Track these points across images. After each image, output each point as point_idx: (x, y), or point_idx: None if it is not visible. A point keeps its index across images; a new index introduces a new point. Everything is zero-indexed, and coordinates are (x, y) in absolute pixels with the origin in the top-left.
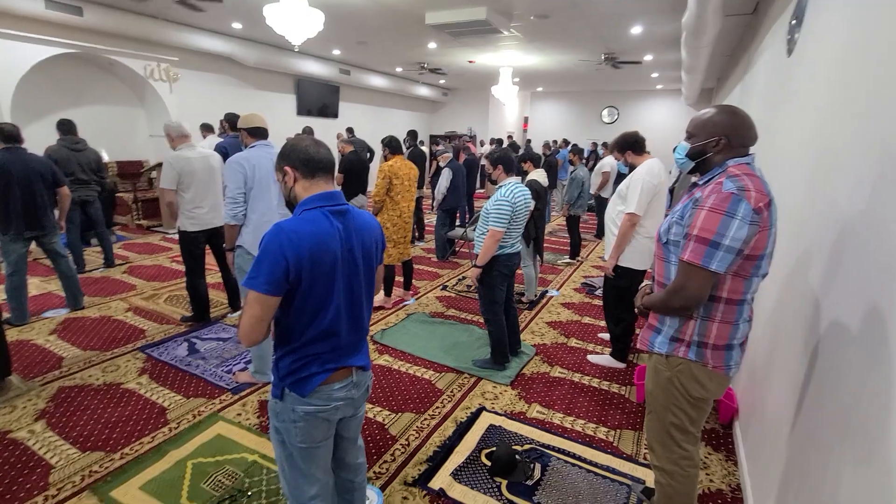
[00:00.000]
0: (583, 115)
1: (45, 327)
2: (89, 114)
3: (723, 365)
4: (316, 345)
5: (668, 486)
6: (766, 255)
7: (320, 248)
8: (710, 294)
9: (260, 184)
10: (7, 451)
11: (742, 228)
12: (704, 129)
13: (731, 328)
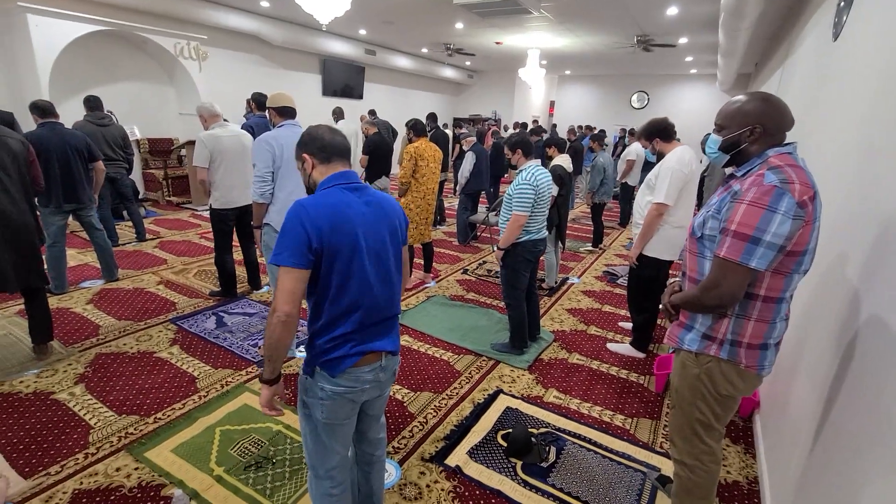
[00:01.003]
0: (611, 100)
1: (83, 297)
2: (122, 91)
3: (756, 365)
4: (346, 322)
5: (687, 479)
6: (808, 251)
7: (340, 218)
8: (746, 291)
9: (288, 163)
10: (50, 410)
11: (785, 223)
12: (735, 118)
13: (768, 327)
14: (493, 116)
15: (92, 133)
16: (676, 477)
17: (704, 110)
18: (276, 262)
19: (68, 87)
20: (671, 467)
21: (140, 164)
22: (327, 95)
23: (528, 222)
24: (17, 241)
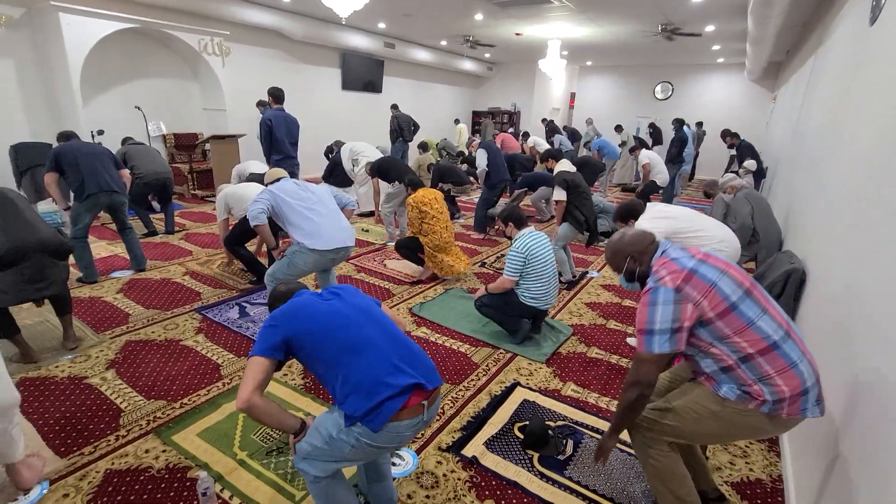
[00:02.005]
0: (634, 91)
1: (113, 286)
2: (148, 87)
3: (798, 410)
4: (361, 368)
5: (653, 467)
6: (735, 304)
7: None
8: (738, 357)
9: (289, 212)
10: (84, 394)
11: (667, 310)
12: (617, 258)
13: (795, 372)
14: (513, 109)
15: (140, 153)
16: (643, 465)
17: (731, 101)
18: (250, 354)
19: (98, 83)
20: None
21: (166, 159)
22: (347, 90)
23: (532, 289)
24: (58, 258)
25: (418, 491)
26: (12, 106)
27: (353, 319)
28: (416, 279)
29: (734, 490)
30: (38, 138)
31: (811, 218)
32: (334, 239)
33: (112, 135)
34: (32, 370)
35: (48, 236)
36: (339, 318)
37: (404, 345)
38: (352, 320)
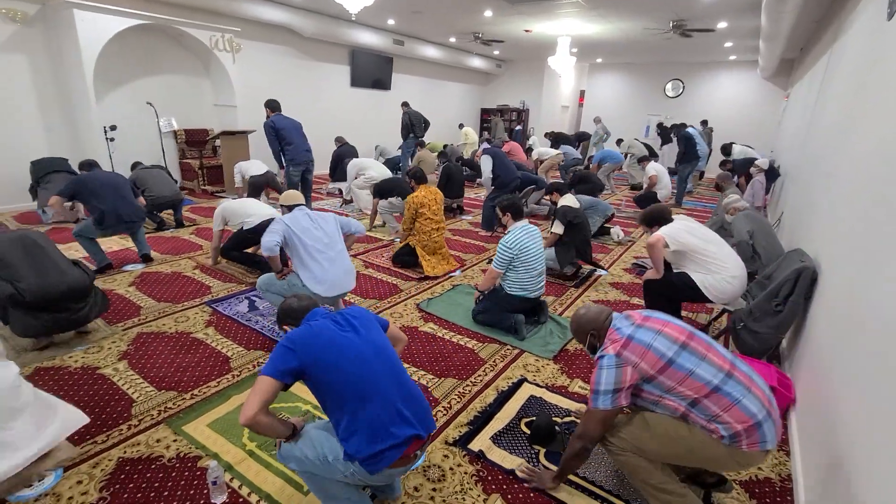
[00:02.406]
0: (644, 89)
1: (125, 279)
2: (160, 83)
3: (757, 443)
4: (365, 414)
5: (622, 465)
6: (672, 359)
7: (324, 337)
8: (686, 403)
9: (298, 245)
10: (97, 384)
11: (610, 374)
12: (580, 334)
13: (739, 407)
14: (522, 106)
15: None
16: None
17: (743, 99)
18: (261, 372)
19: (111, 80)
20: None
21: (177, 154)
22: (356, 87)
23: (523, 280)
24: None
25: (425, 484)
26: (27, 102)
27: (366, 358)
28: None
29: (743, 489)
30: (51, 132)
31: (824, 216)
32: (336, 286)
33: (124, 131)
34: (47, 360)
35: (75, 279)
36: (354, 356)
37: (407, 388)
38: (365, 359)
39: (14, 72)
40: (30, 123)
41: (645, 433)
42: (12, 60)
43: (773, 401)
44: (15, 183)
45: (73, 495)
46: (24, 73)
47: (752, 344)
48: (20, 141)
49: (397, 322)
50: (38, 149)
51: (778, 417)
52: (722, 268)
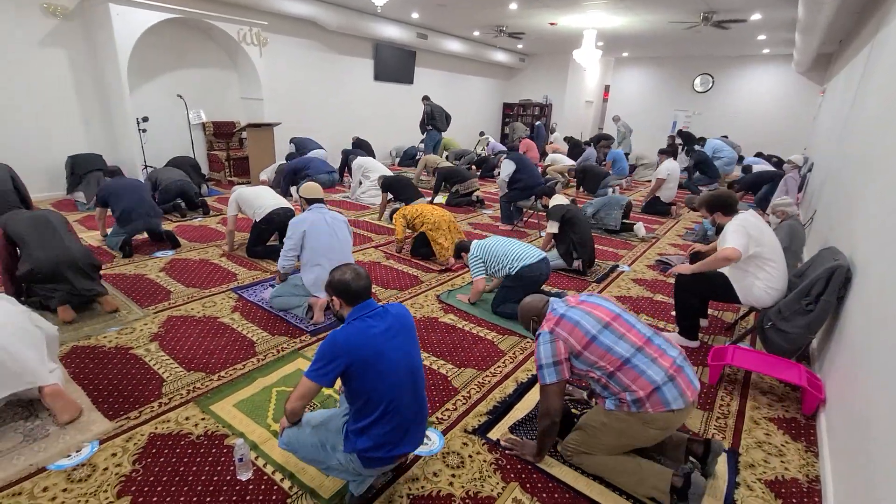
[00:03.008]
0: (672, 84)
1: (156, 265)
2: (189, 76)
3: (660, 404)
4: (382, 428)
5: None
6: (595, 336)
7: (364, 338)
8: (606, 375)
9: (313, 244)
10: (129, 363)
11: (546, 348)
12: (524, 320)
13: (644, 377)
14: (545, 101)
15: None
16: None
17: (776, 94)
18: (307, 374)
19: (143, 73)
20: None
21: (205, 146)
22: (379, 80)
23: (518, 253)
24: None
25: (444, 470)
26: (66, 94)
27: (402, 376)
28: (445, 267)
29: (767, 487)
30: (87, 124)
31: (860, 214)
32: None
33: (156, 122)
34: (83, 339)
35: (79, 254)
36: (394, 370)
37: (422, 408)
38: (401, 377)
39: (54, 65)
40: (68, 115)
41: (584, 434)
42: (52, 54)
43: (685, 367)
44: (54, 172)
45: (107, 466)
46: (64, 66)
47: (781, 343)
48: (59, 132)
49: (417, 313)
50: (76, 140)
51: (687, 379)
52: (771, 276)
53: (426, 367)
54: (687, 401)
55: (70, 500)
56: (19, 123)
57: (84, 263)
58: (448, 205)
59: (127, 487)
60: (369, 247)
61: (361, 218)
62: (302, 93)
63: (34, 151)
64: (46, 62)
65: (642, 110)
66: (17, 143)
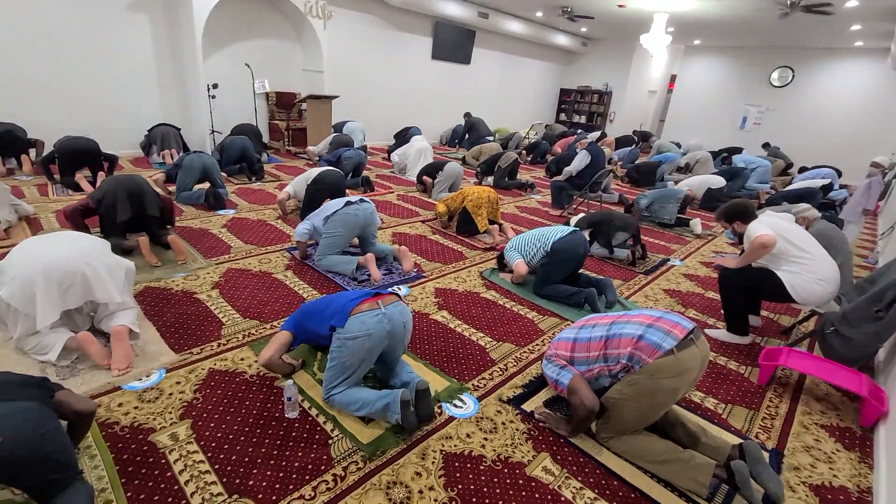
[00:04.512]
0: (746, 76)
1: (219, 222)
2: (256, 47)
3: (652, 350)
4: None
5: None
6: (575, 338)
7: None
8: (599, 362)
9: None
10: (193, 306)
11: (549, 369)
12: None
13: (623, 337)
14: (605, 89)
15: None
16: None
17: (867, 92)
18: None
19: (215, 43)
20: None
21: (267, 115)
22: (436, 59)
23: (550, 232)
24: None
25: (477, 433)
26: (146, 59)
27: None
28: (490, 245)
29: (812, 491)
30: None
31: None
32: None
33: (223, 90)
34: (154, 281)
35: (154, 212)
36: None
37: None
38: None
39: (137, 32)
40: (147, 79)
41: (613, 413)
42: (136, 21)
43: (666, 315)
44: (133, 131)
45: (172, 392)
46: (146, 33)
47: (841, 351)
48: (139, 95)
49: (460, 287)
50: (152, 104)
51: (671, 321)
52: (812, 268)
53: (465, 337)
54: (677, 337)
55: (140, 416)
56: (105, 85)
57: (159, 217)
58: (496, 187)
59: (188, 412)
60: (416, 220)
61: (410, 193)
62: (360, 67)
63: (115, 112)
64: (131, 29)
65: (710, 103)
66: (101, 103)
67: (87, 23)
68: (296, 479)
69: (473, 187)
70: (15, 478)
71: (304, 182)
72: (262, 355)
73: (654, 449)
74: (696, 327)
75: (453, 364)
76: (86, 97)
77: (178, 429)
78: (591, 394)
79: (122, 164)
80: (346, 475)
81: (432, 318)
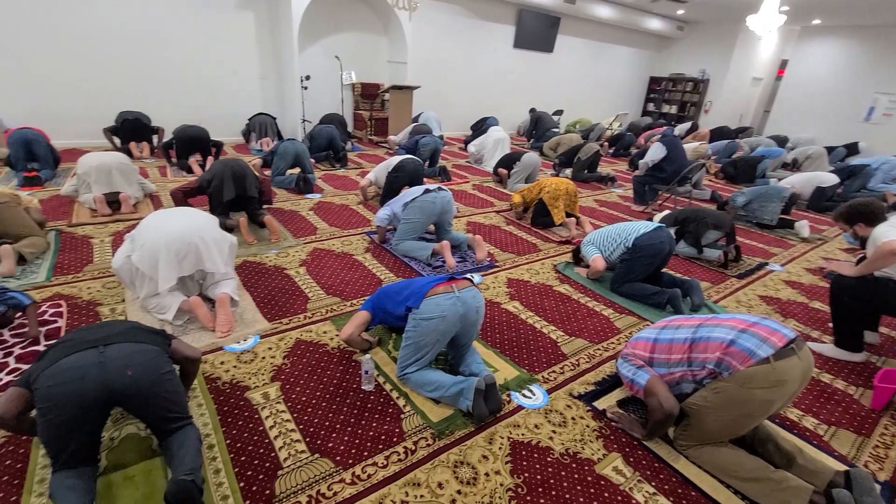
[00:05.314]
0: (877, 59)
1: (307, 205)
2: (345, 39)
3: (745, 357)
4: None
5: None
6: (656, 338)
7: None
8: (683, 366)
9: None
10: (284, 280)
11: (624, 367)
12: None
13: (711, 341)
14: (701, 76)
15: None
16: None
17: None
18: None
19: (309, 35)
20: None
21: (352, 105)
22: (518, 48)
23: (632, 228)
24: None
25: (545, 424)
26: (250, 52)
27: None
28: (565, 238)
29: None
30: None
31: None
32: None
33: (314, 81)
34: (251, 256)
35: (254, 193)
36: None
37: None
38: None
39: (243, 27)
40: (250, 72)
41: (690, 419)
42: (243, 19)
43: (761, 321)
44: (236, 120)
45: (265, 356)
46: (251, 30)
47: None
48: (243, 87)
49: (533, 279)
50: (253, 95)
51: (768, 328)
52: None
53: (536, 329)
54: (775, 345)
55: (239, 374)
56: (215, 78)
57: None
58: (574, 180)
59: (278, 375)
60: (491, 210)
61: (486, 183)
62: (441, 58)
63: (222, 102)
64: (238, 24)
65: (829, 90)
66: (211, 94)
67: (201, 23)
68: (370, 447)
69: (551, 178)
70: (139, 409)
71: (385, 170)
72: (343, 331)
73: (741, 464)
74: (799, 337)
75: (523, 354)
76: (198, 89)
77: (270, 389)
78: (671, 396)
79: (226, 150)
80: (416, 449)
81: (503, 307)
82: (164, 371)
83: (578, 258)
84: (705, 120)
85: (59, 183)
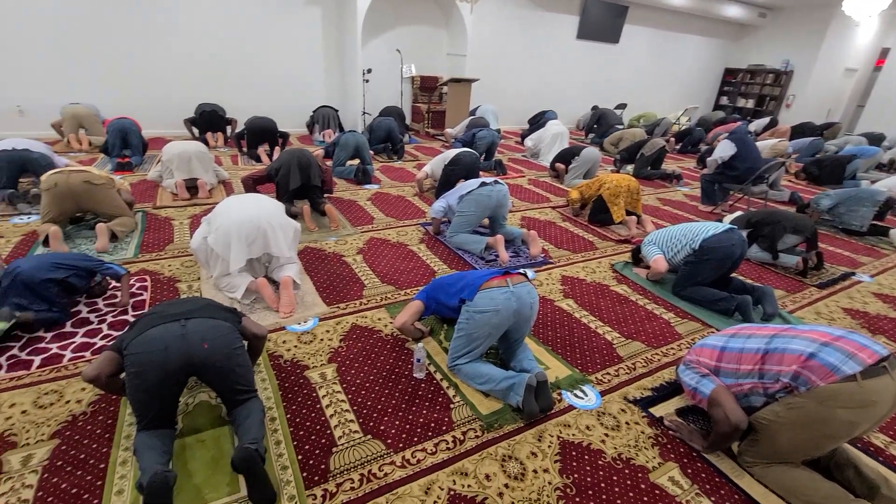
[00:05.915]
0: None
1: (365, 195)
2: (407, 32)
3: (826, 373)
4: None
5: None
6: (724, 346)
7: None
8: (754, 377)
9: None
10: (341, 267)
11: (687, 376)
12: None
13: (787, 353)
14: (784, 67)
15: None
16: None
17: None
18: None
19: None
20: None
21: (411, 98)
22: (581, 38)
23: (700, 228)
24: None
25: (597, 427)
26: (315, 46)
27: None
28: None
29: None
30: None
31: None
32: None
33: (375, 74)
34: (312, 242)
35: (317, 182)
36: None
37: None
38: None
39: (311, 21)
40: (315, 66)
41: (764, 436)
42: (311, 14)
43: (848, 335)
44: (301, 113)
45: (323, 338)
46: (318, 24)
47: None
48: (308, 80)
49: (589, 277)
50: (318, 87)
51: (856, 343)
52: None
53: (590, 329)
54: (863, 361)
55: (299, 353)
56: (283, 72)
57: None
58: (636, 177)
59: (334, 357)
60: (546, 206)
61: (542, 178)
62: (501, 50)
63: (289, 95)
64: (306, 19)
65: None
66: (278, 88)
67: (273, 20)
68: (420, 433)
69: (612, 175)
70: (213, 380)
71: (442, 162)
72: (397, 319)
73: (817, 488)
74: (893, 355)
75: (577, 354)
76: (267, 83)
77: (327, 370)
78: (738, 408)
79: (292, 141)
80: (465, 439)
81: (557, 305)
82: (236, 346)
83: (638, 258)
84: (786, 115)
85: (146, 169)
